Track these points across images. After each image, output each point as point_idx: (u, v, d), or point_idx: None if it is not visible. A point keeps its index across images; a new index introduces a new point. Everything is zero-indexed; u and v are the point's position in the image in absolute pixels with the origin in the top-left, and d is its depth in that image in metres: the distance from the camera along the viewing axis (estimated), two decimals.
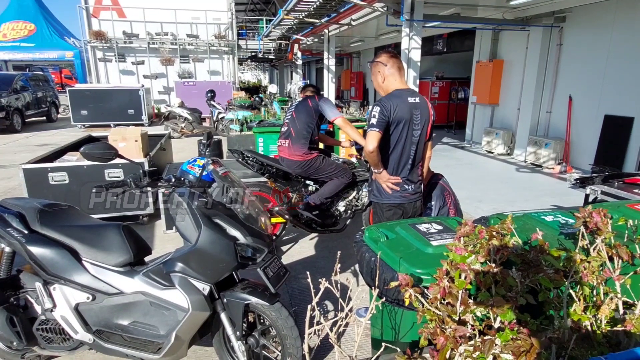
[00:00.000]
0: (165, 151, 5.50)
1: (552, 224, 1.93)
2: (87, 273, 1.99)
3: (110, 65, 15.31)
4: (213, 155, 5.86)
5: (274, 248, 2.09)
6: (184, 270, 1.88)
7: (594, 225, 1.45)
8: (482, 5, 7.89)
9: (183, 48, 15.72)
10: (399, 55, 2.53)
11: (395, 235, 1.94)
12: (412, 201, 2.57)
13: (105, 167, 4.11)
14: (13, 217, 2.03)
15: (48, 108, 13.96)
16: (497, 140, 8.65)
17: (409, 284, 1.32)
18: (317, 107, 3.63)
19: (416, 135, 2.45)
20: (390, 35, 12.19)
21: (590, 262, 1.39)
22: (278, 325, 1.94)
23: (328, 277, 1.56)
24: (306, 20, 9.93)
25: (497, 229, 1.41)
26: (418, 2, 6.52)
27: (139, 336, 2.00)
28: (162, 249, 3.73)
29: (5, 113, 11.21)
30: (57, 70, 28.34)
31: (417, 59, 6.81)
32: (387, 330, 1.84)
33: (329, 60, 13.42)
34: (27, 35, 17.28)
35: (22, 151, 8.78)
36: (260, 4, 24.83)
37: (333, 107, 3.63)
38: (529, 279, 1.29)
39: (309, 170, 3.63)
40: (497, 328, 1.19)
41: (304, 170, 3.63)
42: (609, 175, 3.50)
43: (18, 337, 2.05)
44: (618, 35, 6.42)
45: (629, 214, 2.03)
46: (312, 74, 27.45)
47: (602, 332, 1.29)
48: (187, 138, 10.28)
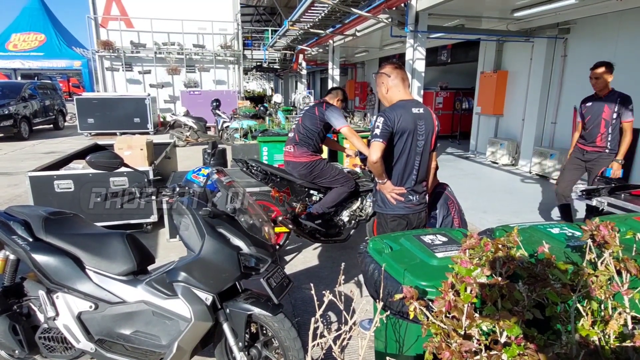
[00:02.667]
0: (170, 160, 5.52)
1: (559, 236, 1.91)
2: (91, 282, 1.99)
3: (118, 74, 15.51)
4: (217, 164, 5.88)
5: (277, 258, 2.09)
6: (187, 279, 1.87)
7: (602, 239, 1.43)
8: (486, 17, 7.93)
9: (189, 58, 15.91)
10: (403, 66, 2.55)
11: (400, 246, 1.93)
12: (416, 212, 2.56)
13: (110, 175, 4.13)
14: (18, 225, 2.04)
15: (55, 116, 14.13)
16: (502, 151, 8.63)
17: (414, 296, 1.30)
18: (322, 115, 3.66)
19: (420, 145, 2.45)
20: (395, 46, 12.27)
21: (598, 276, 1.37)
22: (281, 337, 1.92)
23: (331, 287, 1.54)
24: (311, 31, 10.02)
25: (502, 241, 1.39)
26: (422, 13, 6.57)
27: (140, 346, 1.98)
28: (165, 258, 3.73)
29: (13, 121, 11.35)
30: (65, 79, 28.72)
31: (421, 69, 6.84)
32: (392, 343, 1.82)
33: (333, 71, 13.50)
34: (37, 46, 17.59)
35: (28, 159, 8.86)
36: (265, 15, 25.14)
37: (339, 116, 3.64)
38: (535, 293, 1.27)
39: (314, 171, 3.66)
40: (504, 343, 1.17)
41: (308, 171, 3.65)
42: (615, 187, 3.47)
43: (20, 346, 2.04)
44: (622, 47, 6.42)
45: (636, 226, 2.01)
46: (317, 83, 27.62)
47: (610, 348, 1.27)
48: (192, 147, 10.34)
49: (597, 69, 3.88)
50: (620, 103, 3.85)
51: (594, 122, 4.00)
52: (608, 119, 3.90)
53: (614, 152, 3.93)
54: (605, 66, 3.86)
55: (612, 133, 3.92)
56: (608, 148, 3.96)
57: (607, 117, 3.90)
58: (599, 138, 3.99)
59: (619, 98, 3.86)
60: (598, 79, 3.89)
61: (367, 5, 7.10)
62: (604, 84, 3.89)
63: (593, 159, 4.06)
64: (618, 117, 3.85)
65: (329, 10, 7.74)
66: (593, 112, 4.01)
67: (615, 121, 3.88)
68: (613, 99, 3.88)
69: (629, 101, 3.84)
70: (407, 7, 6.57)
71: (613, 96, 3.90)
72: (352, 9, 7.18)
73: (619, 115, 3.85)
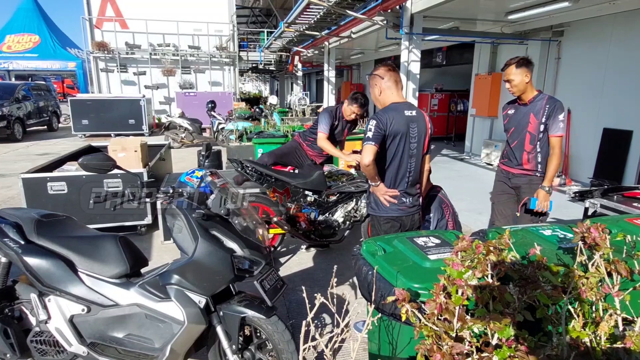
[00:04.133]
0: (164, 161, 5.50)
1: (551, 238, 1.93)
2: (83, 284, 1.97)
3: (112, 75, 15.46)
4: (212, 166, 5.87)
5: (272, 260, 2.08)
6: (180, 282, 1.86)
7: (592, 241, 1.44)
8: (480, 20, 7.98)
9: (184, 59, 15.89)
10: (396, 68, 2.55)
11: (393, 248, 1.93)
12: (409, 214, 2.56)
13: (104, 177, 4.11)
14: (10, 227, 2.03)
15: (49, 117, 14.04)
16: (497, 153, 8.66)
17: (406, 298, 1.31)
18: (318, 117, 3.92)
19: (413, 148, 2.46)
20: (390, 47, 12.31)
21: (589, 278, 1.38)
22: (274, 339, 1.91)
23: (326, 289, 1.54)
24: (307, 32, 10.04)
25: (494, 243, 1.40)
26: (417, 16, 6.60)
27: (133, 349, 1.97)
28: (159, 260, 3.71)
29: (7, 122, 11.26)
30: (59, 80, 28.54)
31: (416, 71, 6.87)
32: (385, 345, 1.82)
33: (329, 72, 13.53)
34: (31, 47, 17.50)
35: (22, 160, 8.79)
36: (261, 16, 25.15)
37: (323, 122, 3.85)
38: (526, 294, 1.28)
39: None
40: (495, 345, 1.17)
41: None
42: (608, 189, 3.50)
43: (12, 349, 2.02)
44: (616, 50, 6.48)
45: (628, 228, 2.02)
46: (313, 85, 27.65)
47: (601, 349, 1.28)
48: (187, 148, 10.31)
49: (506, 68, 2.94)
50: (547, 111, 2.85)
51: (518, 136, 3.02)
52: (535, 133, 2.91)
53: (543, 176, 2.95)
54: (516, 64, 2.88)
55: (542, 151, 2.94)
56: (539, 171, 2.97)
57: (534, 130, 2.91)
58: (525, 158, 2.99)
59: (547, 105, 2.85)
60: (511, 82, 2.91)
61: (363, 7, 7.13)
62: (521, 86, 2.90)
63: (522, 185, 3.04)
64: (546, 130, 2.87)
65: (324, 12, 7.76)
66: (517, 123, 3.02)
67: (543, 135, 2.90)
68: (540, 105, 2.88)
69: (560, 109, 2.82)
70: (402, 9, 6.60)
71: (540, 102, 2.89)
72: (347, 11, 7.21)
73: (546, 127, 2.87)
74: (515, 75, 2.87)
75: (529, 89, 2.91)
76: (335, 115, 3.95)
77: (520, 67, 2.85)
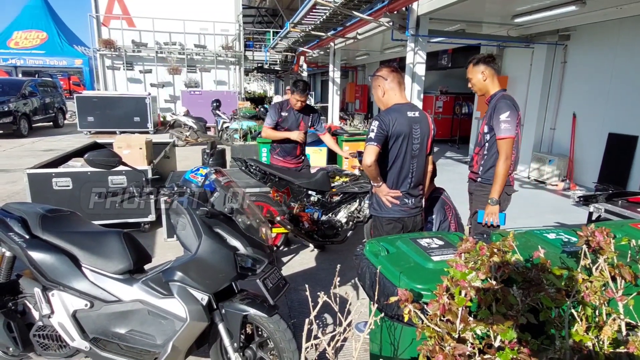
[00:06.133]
0: (169, 159, 5.52)
1: (555, 241, 1.92)
2: (86, 280, 1.98)
3: (118, 73, 15.53)
4: (216, 164, 5.88)
5: (274, 259, 2.08)
6: (183, 279, 1.87)
7: (597, 245, 1.44)
8: (486, 22, 7.96)
9: (190, 58, 15.94)
10: (400, 70, 2.55)
11: (396, 249, 1.93)
12: (412, 215, 2.56)
13: (108, 173, 4.13)
14: (15, 222, 2.04)
15: (55, 114, 14.12)
16: None
17: (409, 299, 1.31)
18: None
19: (415, 149, 2.45)
20: (396, 49, 12.30)
21: (593, 281, 1.37)
22: (276, 338, 1.92)
23: (328, 289, 1.54)
24: (312, 33, 10.04)
25: (498, 245, 1.40)
26: (423, 18, 6.59)
27: (135, 345, 1.98)
28: (162, 257, 3.72)
29: (13, 118, 11.34)
30: (65, 77, 28.70)
31: (421, 73, 6.85)
32: (386, 345, 1.82)
33: (334, 73, 13.52)
34: (38, 44, 17.61)
35: (27, 156, 8.85)
36: (267, 17, 25.19)
37: (268, 116, 3.99)
38: (530, 297, 1.27)
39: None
40: (497, 347, 1.17)
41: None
42: (612, 194, 3.48)
43: (14, 343, 2.04)
44: (622, 54, 6.45)
45: (632, 233, 2.01)
46: (318, 86, 27.66)
47: (604, 354, 1.27)
48: (192, 146, 10.34)
49: (467, 68, 2.82)
50: (490, 111, 2.67)
51: (476, 137, 2.88)
52: (482, 134, 2.76)
53: (489, 184, 2.66)
54: (473, 62, 2.74)
55: (489, 154, 2.70)
56: (484, 177, 2.74)
57: (482, 130, 2.77)
58: (475, 160, 2.83)
59: (496, 104, 2.62)
60: (470, 80, 2.81)
61: (369, 8, 7.12)
62: (479, 85, 2.75)
63: (473, 191, 2.87)
64: (491, 131, 2.65)
65: (330, 13, 7.76)
66: (481, 124, 2.85)
67: (491, 137, 2.66)
68: (491, 105, 2.70)
69: (503, 107, 2.56)
70: (408, 11, 6.59)
71: (493, 101, 2.70)
72: (353, 12, 7.20)
73: (491, 129, 2.65)
74: (471, 74, 2.77)
75: (490, 87, 2.73)
76: (282, 108, 4.00)
77: (477, 65, 2.72)
